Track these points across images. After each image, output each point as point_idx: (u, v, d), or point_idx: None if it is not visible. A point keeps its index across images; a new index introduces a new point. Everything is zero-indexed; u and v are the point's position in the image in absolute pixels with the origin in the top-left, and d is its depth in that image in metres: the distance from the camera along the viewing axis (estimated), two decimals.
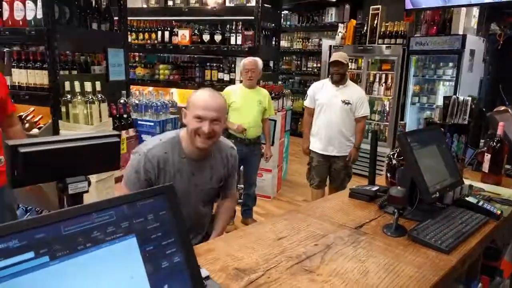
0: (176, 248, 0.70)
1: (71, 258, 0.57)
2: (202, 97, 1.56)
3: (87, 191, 0.78)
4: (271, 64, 5.02)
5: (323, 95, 3.33)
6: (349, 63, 5.68)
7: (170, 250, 0.69)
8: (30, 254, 0.53)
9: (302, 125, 4.41)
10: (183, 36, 4.67)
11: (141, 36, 4.96)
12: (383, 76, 5.34)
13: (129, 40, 4.53)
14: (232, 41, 4.44)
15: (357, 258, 1.18)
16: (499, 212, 1.53)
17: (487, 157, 1.98)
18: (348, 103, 3.25)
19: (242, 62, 3.37)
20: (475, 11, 4.62)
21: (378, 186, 1.75)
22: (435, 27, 4.76)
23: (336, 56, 3.27)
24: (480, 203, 1.56)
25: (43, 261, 0.55)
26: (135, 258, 0.64)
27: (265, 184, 4.32)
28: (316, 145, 3.44)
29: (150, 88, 4.10)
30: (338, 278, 1.07)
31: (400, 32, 5.05)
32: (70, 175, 0.75)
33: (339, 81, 3.28)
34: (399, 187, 1.39)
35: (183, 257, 0.71)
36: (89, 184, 0.78)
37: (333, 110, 3.28)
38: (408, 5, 4.47)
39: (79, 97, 2.53)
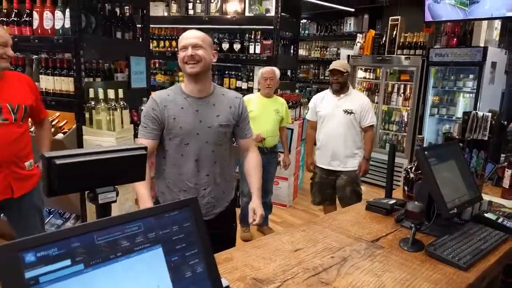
0: (199, 259, 0.73)
1: (103, 266, 0.61)
2: (184, 33, 1.75)
3: (115, 201, 0.82)
4: (289, 73, 5.05)
5: (324, 106, 3.18)
6: (368, 73, 5.70)
7: (193, 261, 0.72)
8: (67, 262, 0.57)
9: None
10: None
11: (162, 44, 5.06)
12: (402, 86, 5.31)
13: (151, 47, 4.63)
14: (251, 50, 4.49)
15: (373, 272, 1.19)
16: None
17: (508, 172, 1.96)
18: (350, 113, 3.06)
19: (260, 71, 3.41)
20: (497, 23, 4.55)
21: (395, 199, 1.75)
22: (455, 39, 4.71)
23: (334, 64, 3.12)
24: (500, 220, 1.55)
25: (78, 268, 0.58)
26: (161, 267, 0.68)
27: (281, 192, 4.33)
28: (320, 159, 3.26)
29: None
30: None
31: (419, 43, 5.01)
32: (100, 185, 0.79)
33: (339, 90, 3.11)
34: (416, 202, 1.39)
35: (205, 267, 0.74)
36: (117, 194, 0.82)
37: (336, 121, 3.10)
38: (428, 17, 4.44)
39: (102, 104, 2.61)
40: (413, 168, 1.79)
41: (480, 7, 4.00)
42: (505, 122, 2.93)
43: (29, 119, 2.19)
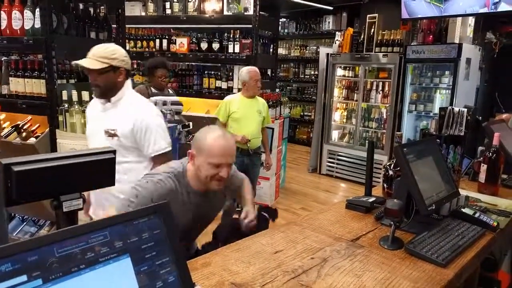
0: (171, 267, 0.70)
1: (65, 281, 0.57)
2: (218, 144, 1.50)
3: (81, 209, 0.77)
4: (269, 72, 5.04)
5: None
6: (347, 71, 5.73)
7: (164, 270, 0.69)
8: (23, 278, 0.53)
9: None
10: (181, 44, 4.68)
11: (139, 44, 4.97)
12: (380, 84, 5.37)
13: (128, 48, 4.54)
14: (230, 49, 4.46)
15: (354, 273, 1.18)
16: (495, 223, 1.53)
17: (484, 167, 1.99)
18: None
19: (246, 73, 3.30)
20: (471, 20, 4.65)
21: (374, 197, 1.75)
22: (431, 36, 4.79)
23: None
24: (477, 215, 1.57)
25: (36, 284, 0.54)
26: (129, 278, 0.64)
27: (263, 192, 4.31)
28: None
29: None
30: None
31: (396, 41, 5.08)
32: (65, 192, 0.74)
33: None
34: (395, 199, 1.39)
35: (178, 276, 0.70)
36: (84, 201, 0.78)
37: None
38: (404, 15, 4.51)
39: (76, 106, 2.53)
40: (392, 165, 1.80)
41: (455, 4, 4.08)
42: (480, 117, 2.99)
43: None
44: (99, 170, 0.81)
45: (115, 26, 3.16)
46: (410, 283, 1.13)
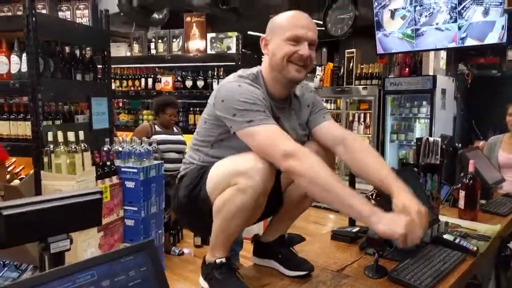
0: None
1: None
2: (294, 15, 1.28)
3: (69, 249, 0.79)
4: None
5: None
6: (329, 104, 5.91)
7: None
8: None
9: None
10: (166, 82, 4.79)
11: (124, 83, 5.06)
12: (362, 115, 5.54)
13: (113, 87, 4.61)
14: (215, 86, 4.57)
15: None
16: (475, 248, 1.58)
17: (462, 193, 2.06)
18: None
19: None
20: (443, 53, 4.92)
21: (358, 227, 1.79)
22: (407, 69, 5.02)
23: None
24: (457, 240, 1.61)
25: None
26: None
27: (252, 226, 4.28)
28: None
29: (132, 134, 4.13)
30: None
31: (375, 74, 5.31)
32: (52, 234, 0.77)
33: None
34: None
35: None
36: (71, 242, 0.80)
37: None
38: (379, 50, 4.74)
39: (61, 147, 2.54)
40: (374, 194, 1.85)
41: (425, 39, 4.32)
42: (460, 145, 3.10)
43: None
44: (86, 211, 0.83)
45: (100, 66, 3.24)
46: None
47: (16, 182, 2.64)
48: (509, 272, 2.24)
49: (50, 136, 2.56)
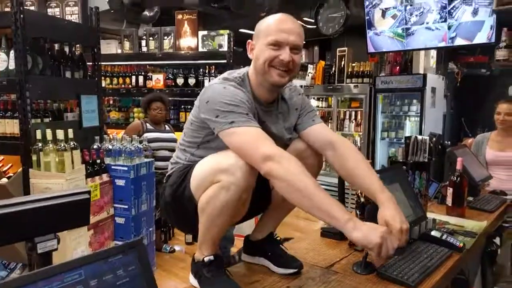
0: None
1: None
2: (277, 19, 1.28)
3: (56, 249, 0.79)
4: None
5: None
6: (321, 102, 5.94)
7: None
8: None
9: None
10: (157, 80, 4.76)
11: (115, 81, 5.02)
12: (353, 113, 5.56)
13: (104, 85, 4.58)
14: (206, 84, 4.55)
15: None
16: (461, 244, 1.61)
17: (450, 191, 2.09)
18: None
19: None
20: (433, 52, 4.96)
21: None
22: (398, 67, 5.06)
23: None
24: (444, 237, 1.64)
25: None
26: None
27: (243, 224, 4.29)
28: None
29: (122, 131, 4.11)
30: None
31: (366, 72, 5.33)
32: (39, 234, 0.76)
33: None
34: None
35: None
36: (58, 241, 0.80)
37: None
38: (370, 49, 4.77)
39: (50, 145, 2.52)
40: (363, 192, 1.87)
41: (415, 39, 4.36)
42: (449, 142, 3.14)
43: None
44: (74, 211, 0.83)
45: (90, 63, 3.21)
46: None
47: (4, 180, 2.62)
48: (495, 267, 2.28)
49: (38, 134, 2.53)
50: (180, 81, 4.67)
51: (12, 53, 2.50)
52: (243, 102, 1.21)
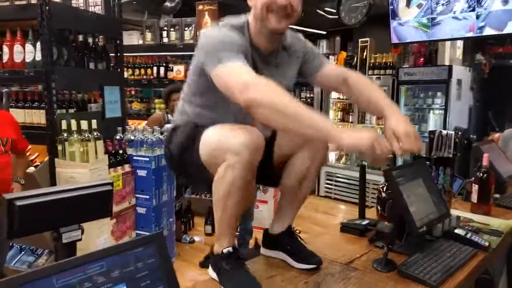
0: None
1: None
2: None
3: (80, 239, 0.81)
4: None
5: None
6: (341, 94, 5.85)
7: None
8: None
9: None
10: (178, 71, 4.80)
11: (137, 72, 5.08)
12: None
13: (125, 75, 4.64)
14: None
15: None
16: (487, 244, 1.56)
17: (475, 187, 2.03)
18: None
19: None
20: (459, 43, 4.79)
21: (368, 219, 1.78)
22: (422, 58, 4.92)
23: None
24: (468, 235, 1.59)
25: None
26: None
27: (262, 216, 4.31)
28: None
29: (144, 122, 4.17)
30: None
31: (389, 63, 5.21)
32: (64, 224, 0.78)
33: None
34: (386, 222, 1.42)
35: None
36: (82, 232, 0.82)
37: None
38: (394, 39, 4.64)
39: (75, 135, 2.58)
40: (385, 187, 1.83)
41: (441, 29, 4.21)
42: (475, 136, 3.04)
43: None
44: (97, 202, 0.85)
45: (113, 55, 3.26)
46: None
47: (31, 169, 2.70)
48: None
49: (64, 125, 2.60)
50: None
51: (38, 44, 2.56)
52: (235, 43, 1.21)
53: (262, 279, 1.28)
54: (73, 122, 2.56)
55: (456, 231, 1.63)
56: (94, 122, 2.64)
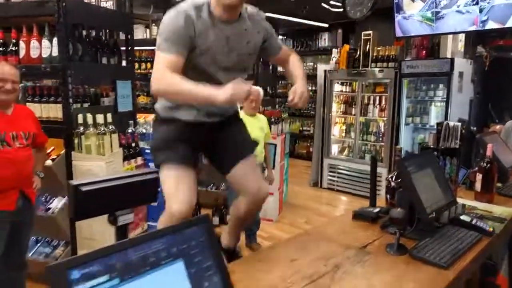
0: (214, 270, 0.82)
1: (135, 280, 0.69)
2: None
3: (132, 222, 0.90)
4: (269, 89, 5.21)
5: None
6: (344, 86, 5.92)
7: (209, 272, 0.81)
8: (105, 277, 0.66)
9: None
10: None
11: (143, 66, 5.15)
12: (377, 98, 5.54)
13: None
14: None
15: (364, 276, 1.30)
16: (491, 229, 1.66)
17: (479, 177, 2.12)
18: None
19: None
20: (461, 36, 4.87)
21: (379, 207, 1.88)
22: (424, 51, 4.99)
23: None
24: (474, 221, 1.69)
25: (114, 283, 0.67)
26: (183, 279, 0.76)
27: (268, 207, 4.41)
28: None
29: (152, 116, 4.24)
30: None
31: (391, 56, 5.28)
32: (120, 208, 0.87)
33: None
34: (399, 208, 1.52)
35: (220, 278, 0.83)
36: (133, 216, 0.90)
37: None
38: (398, 33, 4.71)
39: (91, 129, 2.66)
40: (394, 177, 1.93)
41: (445, 22, 4.29)
42: (475, 128, 3.13)
43: None
44: (146, 189, 0.94)
45: (123, 48, 3.32)
46: (416, 284, 1.25)
47: (48, 162, 2.78)
48: None
49: (80, 119, 2.68)
50: None
51: (54, 40, 2.63)
52: (177, 32, 1.49)
53: (284, 261, 1.37)
54: (89, 116, 2.64)
55: (462, 217, 1.72)
56: (109, 116, 2.72)
